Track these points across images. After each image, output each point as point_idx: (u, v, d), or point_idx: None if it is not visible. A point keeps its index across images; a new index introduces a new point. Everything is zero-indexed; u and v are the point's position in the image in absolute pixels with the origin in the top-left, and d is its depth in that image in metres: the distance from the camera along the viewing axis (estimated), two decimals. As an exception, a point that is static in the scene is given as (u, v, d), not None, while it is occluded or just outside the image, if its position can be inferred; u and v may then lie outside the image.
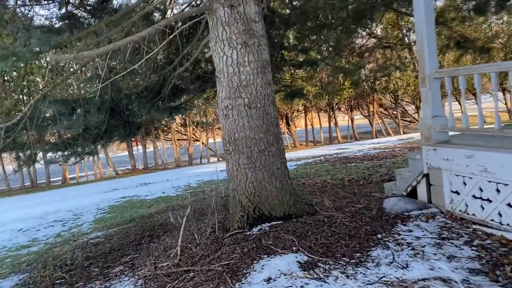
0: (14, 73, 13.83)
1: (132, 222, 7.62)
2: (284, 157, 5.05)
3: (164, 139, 28.17)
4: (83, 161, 7.90)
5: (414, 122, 32.18)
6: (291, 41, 10.43)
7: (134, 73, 7.53)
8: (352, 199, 5.83)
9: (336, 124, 28.21)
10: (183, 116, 22.69)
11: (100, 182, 19.10)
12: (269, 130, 4.85)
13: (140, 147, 26.42)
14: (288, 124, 27.39)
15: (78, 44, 5.32)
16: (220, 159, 26.42)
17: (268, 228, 4.57)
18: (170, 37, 5.12)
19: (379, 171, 8.49)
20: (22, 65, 6.17)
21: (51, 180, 22.25)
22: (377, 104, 28.50)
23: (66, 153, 7.19)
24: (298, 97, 12.24)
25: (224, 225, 5.04)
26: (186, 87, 8.43)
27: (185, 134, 27.81)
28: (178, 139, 27.70)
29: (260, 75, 4.82)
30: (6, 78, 15.20)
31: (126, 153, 26.39)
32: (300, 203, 5.00)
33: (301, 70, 23.96)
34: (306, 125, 27.71)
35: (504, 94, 30.07)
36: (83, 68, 6.33)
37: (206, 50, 7.17)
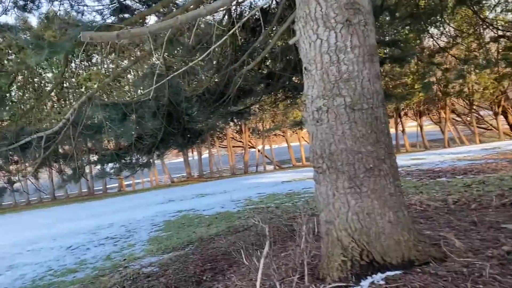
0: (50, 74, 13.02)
1: (191, 246, 6.53)
2: (398, 178, 3.67)
3: (219, 146, 27.46)
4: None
5: (491, 130, 29.15)
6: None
7: (195, 72, 6.50)
8: (482, 233, 4.32)
9: (403, 131, 26.04)
10: (241, 122, 21.78)
11: (156, 190, 18.55)
12: (380, 140, 3.51)
13: (195, 153, 25.87)
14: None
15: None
16: (277, 167, 25.20)
17: (383, 282, 3.22)
18: (240, 23, 3.96)
19: (489, 190, 6.82)
20: (60, 59, 5.32)
21: (107, 187, 22.15)
22: (450, 109, 25.96)
23: (117, 165, 6.26)
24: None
25: (314, 269, 3.75)
26: (252, 89, 7.28)
27: (241, 141, 26.94)
28: (233, 146, 26.87)
29: (367, 64, 3.50)
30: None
31: (182, 159, 25.92)
32: (422, 243, 3.59)
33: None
34: (369, 132, 25.83)
35: None
36: (137, 65, 5.36)
37: (280, 42, 5.98)
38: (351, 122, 3.44)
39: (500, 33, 10.01)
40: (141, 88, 6.22)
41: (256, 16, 6.15)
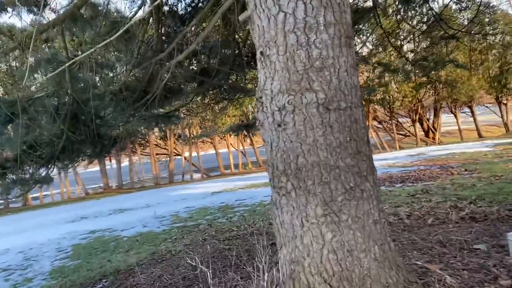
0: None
1: (104, 282, 5.21)
2: (380, 199, 2.85)
3: (141, 153, 25.51)
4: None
5: (409, 136, 30.74)
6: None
7: (110, 64, 5.24)
8: (461, 259, 3.66)
9: (329, 137, 26.35)
10: (166, 128, 20.27)
11: (67, 205, 16.38)
12: (361, 151, 2.65)
13: (113, 162, 23.72)
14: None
15: None
16: (204, 175, 24.00)
17: None
18: None
19: (438, 201, 6.41)
20: None
21: (10, 200, 19.30)
22: (372, 116, 26.80)
23: (3, 182, 4.77)
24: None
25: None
26: (181, 88, 6.18)
27: (165, 148, 25.33)
28: (157, 154, 25.15)
29: (344, 49, 2.63)
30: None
31: (98, 168, 23.61)
32: (413, 284, 2.77)
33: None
34: (297, 138, 25.69)
35: (499, 107, 29.01)
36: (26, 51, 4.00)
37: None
38: (325, 126, 2.54)
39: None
40: (32, 80, 4.80)
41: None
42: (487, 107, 30.72)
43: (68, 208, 14.28)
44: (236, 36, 5.97)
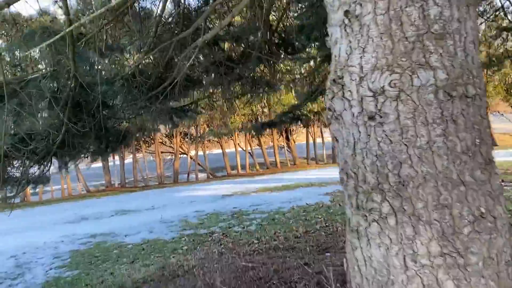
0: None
1: (105, 303, 4.40)
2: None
3: (145, 151, 24.72)
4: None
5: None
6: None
7: (121, 47, 4.42)
8: None
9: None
10: (182, 122, 19.44)
11: (67, 202, 15.61)
12: (492, 160, 1.83)
13: (116, 158, 22.94)
14: (287, 139, 24.47)
15: None
16: (210, 175, 23.19)
17: None
18: None
19: None
20: None
21: (7, 195, 18.50)
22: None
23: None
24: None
25: None
26: (200, 78, 5.37)
27: (171, 146, 24.53)
28: (162, 152, 24.37)
29: (471, 10, 1.81)
30: None
31: (100, 165, 22.83)
32: None
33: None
34: (307, 140, 24.82)
35: (516, 115, 28.08)
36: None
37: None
38: (446, 122, 1.70)
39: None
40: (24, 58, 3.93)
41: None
42: (502, 114, 29.81)
43: (68, 207, 13.50)
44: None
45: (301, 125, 22.59)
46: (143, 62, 4.03)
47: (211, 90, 5.57)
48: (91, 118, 3.82)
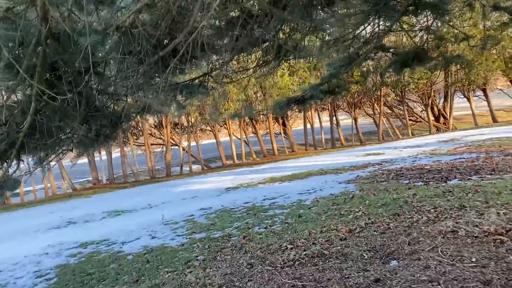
0: None
1: None
2: None
3: (134, 144, 23.21)
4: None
5: (420, 122, 29.02)
6: None
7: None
8: None
9: (338, 123, 24.38)
10: (189, 102, 18.00)
11: (51, 204, 14.19)
12: None
13: (103, 152, 21.44)
14: (284, 125, 23.28)
15: None
16: (205, 167, 21.91)
17: None
18: None
19: None
20: None
21: (-14, 199, 16.97)
22: (385, 101, 24.91)
23: None
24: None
25: None
26: (213, 43, 4.10)
27: (161, 138, 23.14)
28: (151, 144, 22.95)
29: None
30: None
31: (85, 160, 21.32)
32: None
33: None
34: (305, 125, 23.68)
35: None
36: None
37: None
38: None
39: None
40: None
41: None
42: (501, 90, 29.07)
43: (53, 209, 12.11)
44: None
45: (334, 101, 21.20)
46: (144, 5, 2.76)
47: (226, 58, 4.33)
48: (75, 91, 2.54)
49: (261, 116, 22.60)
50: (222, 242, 5.50)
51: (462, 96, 27.60)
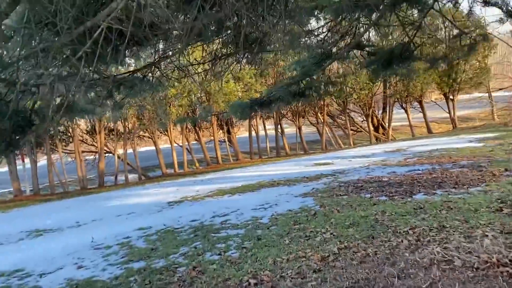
0: None
1: None
2: None
3: (63, 151, 21.05)
4: None
5: (361, 132, 29.57)
6: None
7: None
8: None
9: (282, 132, 23.99)
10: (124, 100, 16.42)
11: (-42, 220, 12.09)
12: None
13: (27, 160, 19.20)
14: (228, 132, 22.43)
15: None
16: (143, 177, 20.42)
17: None
18: None
19: None
20: None
21: None
22: (328, 111, 24.98)
23: None
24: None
25: None
26: (161, 26, 3.17)
27: (93, 145, 21.26)
28: (83, 151, 21.00)
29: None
30: None
31: (6, 169, 18.96)
32: None
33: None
34: (250, 133, 22.99)
35: (447, 103, 28.80)
36: None
37: None
38: None
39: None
40: None
41: None
42: (435, 102, 30.51)
43: (-42, 228, 10.21)
44: None
45: (305, 104, 20.36)
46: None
47: (180, 45, 3.41)
48: None
49: (205, 122, 21.61)
50: (167, 275, 4.51)
51: (400, 108, 28.53)
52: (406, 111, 27.87)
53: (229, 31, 3.54)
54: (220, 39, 3.70)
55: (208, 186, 11.24)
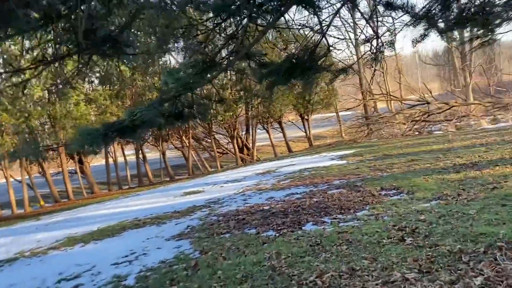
0: None
1: None
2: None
3: None
4: None
5: (226, 154, 29.32)
6: None
7: None
8: None
9: (144, 158, 22.06)
10: None
11: None
12: None
13: None
14: (80, 162, 19.55)
15: None
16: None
17: None
18: None
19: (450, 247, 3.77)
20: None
21: None
22: (193, 133, 23.99)
23: None
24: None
25: None
26: None
27: None
28: None
29: None
30: None
31: None
32: None
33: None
34: (107, 161, 20.46)
35: (303, 123, 30.58)
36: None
37: None
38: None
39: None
40: None
41: None
42: (292, 122, 32.17)
43: None
44: None
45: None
46: None
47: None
48: None
49: (51, 152, 18.47)
50: None
51: (262, 128, 29.27)
52: (267, 132, 28.66)
53: (61, 21, 2.21)
54: (51, 32, 2.34)
55: (55, 232, 9.04)
